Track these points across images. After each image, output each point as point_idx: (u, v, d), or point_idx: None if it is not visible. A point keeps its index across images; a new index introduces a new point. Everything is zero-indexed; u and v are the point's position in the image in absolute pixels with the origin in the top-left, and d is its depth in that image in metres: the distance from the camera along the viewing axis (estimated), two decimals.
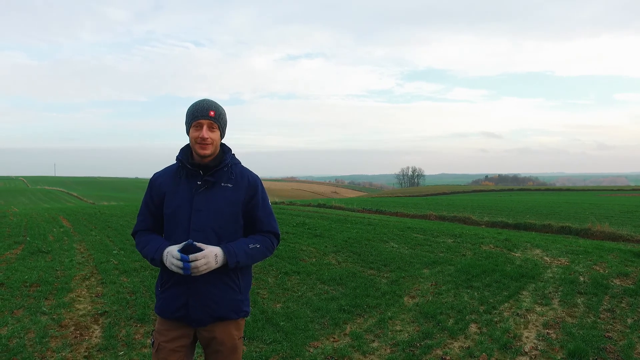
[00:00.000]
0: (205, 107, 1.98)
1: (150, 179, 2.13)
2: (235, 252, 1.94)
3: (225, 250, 1.92)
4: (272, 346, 3.75)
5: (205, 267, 1.86)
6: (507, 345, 3.75)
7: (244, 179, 2.06)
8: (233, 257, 1.92)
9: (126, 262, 6.90)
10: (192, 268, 1.84)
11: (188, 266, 1.84)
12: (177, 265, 1.85)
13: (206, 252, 1.87)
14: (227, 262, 1.92)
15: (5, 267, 6.36)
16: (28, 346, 3.68)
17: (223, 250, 1.91)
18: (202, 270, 1.86)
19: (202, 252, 1.86)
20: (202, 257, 1.85)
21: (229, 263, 1.92)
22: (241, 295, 2.05)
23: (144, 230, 2.11)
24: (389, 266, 6.71)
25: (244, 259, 1.96)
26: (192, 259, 1.84)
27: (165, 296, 2.01)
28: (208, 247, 1.89)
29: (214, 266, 1.88)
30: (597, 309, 4.56)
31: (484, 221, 14.97)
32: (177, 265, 1.85)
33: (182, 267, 1.84)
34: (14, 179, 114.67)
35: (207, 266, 1.86)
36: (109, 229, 11.16)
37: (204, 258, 1.85)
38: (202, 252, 1.86)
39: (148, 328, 4.15)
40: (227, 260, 1.92)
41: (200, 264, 1.84)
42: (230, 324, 2.04)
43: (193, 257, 1.84)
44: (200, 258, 1.85)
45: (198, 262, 1.84)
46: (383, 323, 4.31)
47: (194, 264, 1.84)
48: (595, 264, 6.60)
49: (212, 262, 1.87)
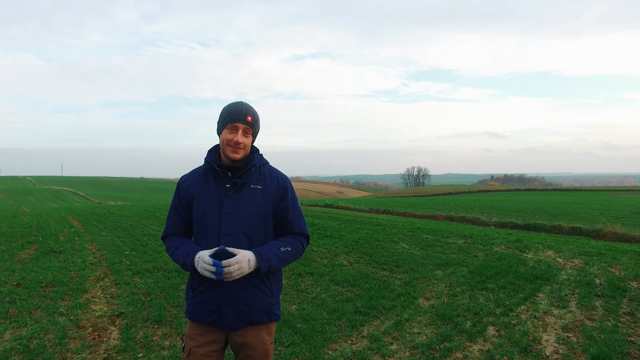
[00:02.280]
0: (244, 111, 1.95)
1: (177, 182, 2.11)
2: (267, 256, 1.92)
3: (258, 255, 1.90)
4: (290, 348, 3.74)
5: (238, 272, 1.84)
6: (527, 348, 3.71)
7: (274, 180, 2.04)
8: (265, 261, 1.91)
9: (139, 262, 6.91)
10: (225, 274, 1.83)
11: (221, 271, 1.83)
12: (210, 270, 1.84)
13: (239, 257, 1.85)
14: (260, 266, 1.90)
15: (20, 268, 6.39)
16: (48, 347, 3.69)
17: (255, 255, 1.90)
18: (235, 276, 1.85)
19: (235, 258, 1.85)
20: (235, 262, 1.84)
21: (262, 267, 1.90)
22: (273, 298, 2.04)
23: (173, 234, 2.10)
24: (402, 267, 6.69)
25: (276, 262, 1.95)
26: (225, 265, 1.83)
27: (197, 301, 1.99)
28: (241, 252, 1.87)
29: (247, 271, 1.87)
30: (616, 312, 4.52)
31: (493, 222, 14.89)
32: (210, 271, 1.84)
33: (214, 272, 1.83)
34: (21, 178, 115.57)
35: (240, 271, 1.85)
36: (119, 229, 11.20)
37: (237, 263, 1.84)
38: (235, 258, 1.85)
39: (165, 330, 4.15)
40: (259, 265, 1.90)
41: (233, 270, 1.83)
42: (262, 329, 2.03)
43: (226, 262, 1.83)
44: (234, 264, 1.83)
45: (231, 268, 1.83)
46: (400, 325, 4.29)
47: (227, 269, 1.83)
48: (610, 265, 6.54)
49: (245, 267, 1.86)
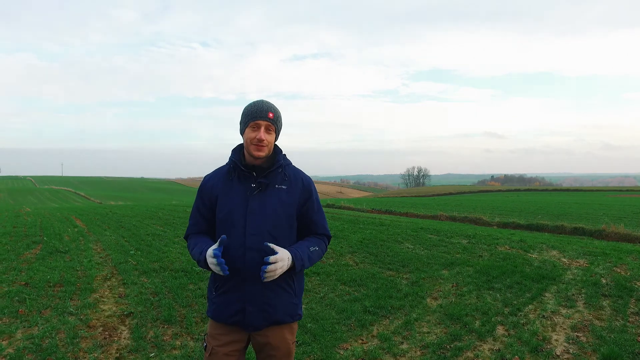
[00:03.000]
0: (264, 108, 1.95)
1: (200, 183, 2.11)
2: (300, 255, 1.92)
3: (293, 254, 1.89)
4: (302, 348, 3.75)
5: (280, 270, 1.83)
6: (537, 348, 3.73)
7: (298, 181, 2.03)
8: (299, 260, 1.90)
9: (144, 262, 6.92)
10: (268, 271, 1.80)
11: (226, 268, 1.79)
12: (213, 263, 1.80)
13: (282, 255, 1.83)
14: (295, 264, 1.89)
15: (27, 267, 6.41)
16: (60, 346, 3.70)
17: (291, 254, 1.89)
18: (277, 274, 1.83)
19: (279, 254, 1.82)
20: (280, 259, 1.81)
21: (296, 266, 1.89)
22: (296, 298, 2.04)
23: (195, 233, 2.10)
24: (407, 267, 6.70)
25: (308, 262, 1.95)
26: (272, 261, 1.79)
27: (221, 300, 1.98)
28: (281, 250, 1.85)
29: (285, 269, 1.86)
30: (624, 312, 4.53)
31: (496, 222, 14.92)
32: (213, 263, 1.80)
33: (217, 264, 1.79)
34: (22, 178, 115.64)
35: (282, 270, 1.83)
36: (123, 229, 11.22)
37: (282, 261, 1.82)
38: (278, 255, 1.82)
39: (176, 329, 4.17)
40: (294, 263, 1.89)
41: (277, 267, 1.81)
42: (285, 328, 2.03)
43: (274, 259, 1.80)
44: (279, 260, 1.81)
45: (277, 265, 1.80)
46: (409, 324, 4.31)
47: (272, 266, 1.80)
48: (615, 266, 6.55)
49: (286, 265, 1.85)
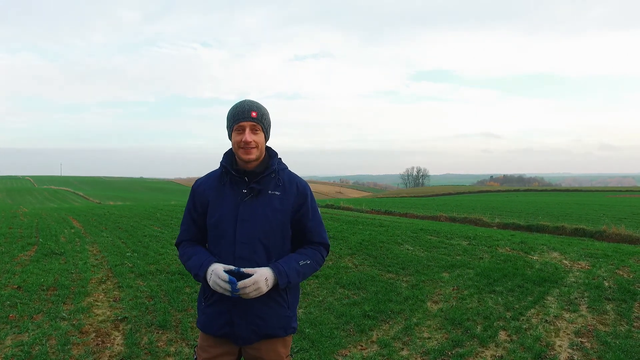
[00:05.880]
0: (246, 108, 1.84)
1: (192, 186, 2.02)
2: (285, 271, 1.82)
3: (276, 271, 1.81)
4: (299, 354, 3.65)
5: (255, 292, 1.75)
6: (540, 354, 3.64)
7: (293, 186, 1.93)
8: (284, 278, 1.81)
9: (141, 265, 6.82)
10: (240, 293, 1.74)
11: (237, 290, 1.73)
12: (224, 287, 1.74)
13: (256, 277, 1.75)
14: (278, 282, 1.81)
15: (21, 270, 6.30)
16: (50, 354, 3.59)
17: (273, 271, 1.80)
18: (252, 296, 1.75)
19: (251, 278, 1.74)
20: (251, 282, 1.74)
21: (280, 284, 1.81)
22: (289, 311, 1.95)
23: (188, 240, 2.01)
24: (407, 269, 6.61)
25: (295, 277, 1.85)
26: (241, 286, 1.72)
27: (210, 312, 1.90)
28: (257, 272, 1.77)
29: (264, 290, 1.77)
30: (629, 317, 4.44)
31: (496, 223, 14.85)
32: (224, 288, 1.74)
33: (229, 290, 1.73)
34: (20, 178, 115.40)
35: (258, 292, 1.75)
36: (120, 230, 11.11)
37: (254, 284, 1.74)
38: (252, 278, 1.74)
39: (170, 335, 4.07)
40: (277, 281, 1.81)
41: (249, 290, 1.74)
42: (278, 342, 1.94)
43: (242, 284, 1.73)
44: (250, 284, 1.73)
45: (247, 289, 1.73)
46: (409, 330, 4.21)
47: (243, 290, 1.73)
48: (617, 268, 6.46)
49: (263, 286, 1.76)
